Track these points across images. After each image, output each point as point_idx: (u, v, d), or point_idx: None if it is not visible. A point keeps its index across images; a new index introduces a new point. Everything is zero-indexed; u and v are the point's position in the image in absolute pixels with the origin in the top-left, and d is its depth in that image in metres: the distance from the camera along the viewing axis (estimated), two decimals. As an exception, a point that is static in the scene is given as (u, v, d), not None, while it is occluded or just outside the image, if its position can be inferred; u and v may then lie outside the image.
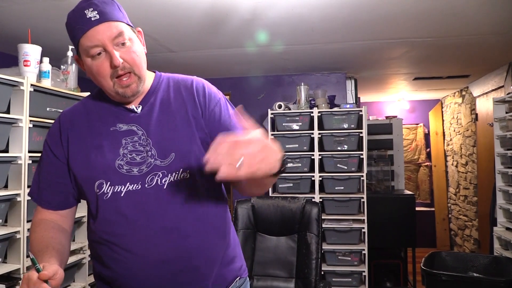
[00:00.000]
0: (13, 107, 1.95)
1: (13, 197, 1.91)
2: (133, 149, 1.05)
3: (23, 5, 2.15)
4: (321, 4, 2.21)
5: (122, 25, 1.03)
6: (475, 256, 2.60)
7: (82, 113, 1.12)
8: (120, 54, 1.00)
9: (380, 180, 3.89)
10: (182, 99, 1.11)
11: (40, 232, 1.07)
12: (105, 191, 1.03)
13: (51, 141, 1.11)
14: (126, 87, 1.03)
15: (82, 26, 0.99)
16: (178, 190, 1.04)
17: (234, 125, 1.11)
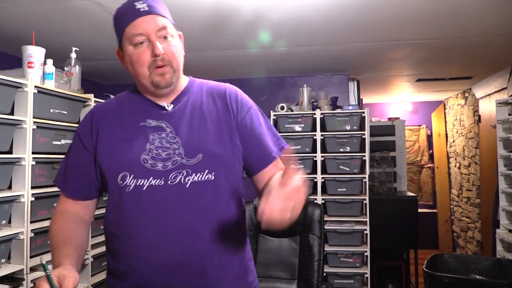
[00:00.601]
0: (17, 108, 1.96)
1: (16, 198, 1.92)
2: (159, 145, 1.06)
3: (27, 7, 2.16)
4: (324, 5, 2.21)
5: (167, 21, 1.08)
6: (477, 258, 2.60)
7: (114, 107, 1.16)
8: (162, 46, 1.04)
9: (383, 181, 3.89)
10: (214, 103, 1.14)
11: (61, 223, 1.10)
12: (128, 183, 1.04)
13: (82, 132, 1.14)
14: (161, 76, 1.05)
15: (130, 15, 1.05)
16: (200, 191, 1.05)
17: (264, 135, 1.15)
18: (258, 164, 1.13)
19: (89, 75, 3.84)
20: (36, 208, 2.03)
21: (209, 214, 1.05)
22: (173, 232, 1.02)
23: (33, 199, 1.97)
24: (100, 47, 2.92)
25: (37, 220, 2.04)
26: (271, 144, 1.15)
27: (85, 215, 1.16)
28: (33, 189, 1.98)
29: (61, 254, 1.00)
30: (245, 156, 1.13)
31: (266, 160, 1.13)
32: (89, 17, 2.30)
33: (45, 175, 2.09)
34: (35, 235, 1.99)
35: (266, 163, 1.13)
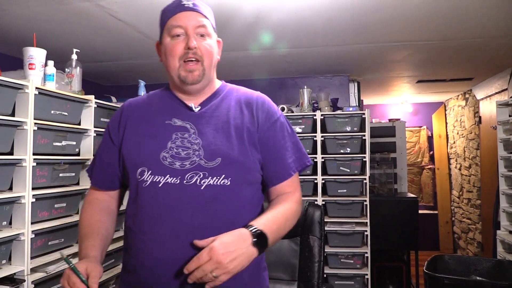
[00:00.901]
0: (18, 109, 1.96)
1: (17, 199, 1.92)
2: (180, 145, 1.08)
3: (28, 9, 2.16)
4: (324, 7, 2.21)
5: (208, 22, 1.12)
6: (478, 260, 2.59)
7: (144, 103, 1.21)
8: (198, 44, 1.08)
9: (383, 183, 3.89)
10: (241, 111, 1.15)
11: (90, 213, 1.17)
12: (145, 179, 1.07)
13: (111, 125, 1.20)
14: (189, 72, 1.09)
15: (175, 9, 1.11)
16: (215, 194, 1.06)
17: (286, 149, 1.16)
18: (273, 179, 1.15)
19: (90, 76, 3.84)
20: (37, 209, 2.03)
21: (220, 219, 1.05)
22: (184, 232, 1.03)
23: (33, 200, 1.97)
24: (101, 48, 2.93)
25: (37, 221, 2.04)
26: (291, 160, 1.15)
27: (112, 205, 1.22)
28: (33, 190, 1.98)
29: (88, 244, 1.06)
30: (263, 168, 1.14)
31: (281, 177, 1.14)
32: (90, 19, 2.31)
33: (46, 176, 2.09)
34: (36, 236, 1.99)
35: (281, 179, 1.14)
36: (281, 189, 1.15)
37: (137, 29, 2.50)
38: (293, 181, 1.17)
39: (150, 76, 3.71)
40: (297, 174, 1.19)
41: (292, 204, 1.12)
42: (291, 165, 1.15)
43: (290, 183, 1.16)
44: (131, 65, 3.42)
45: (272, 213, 1.06)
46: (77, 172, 2.34)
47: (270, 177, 1.15)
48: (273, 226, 1.02)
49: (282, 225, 1.07)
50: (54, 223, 2.11)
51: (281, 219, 1.06)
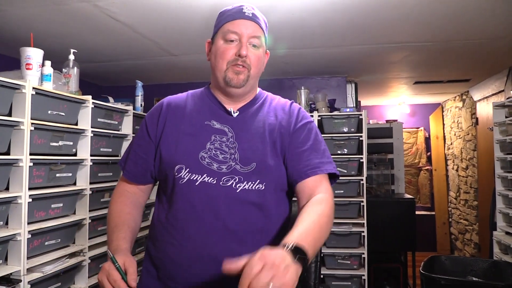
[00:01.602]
0: (14, 110, 1.96)
1: (14, 199, 1.91)
2: (219, 147, 1.11)
3: (25, 10, 2.16)
4: (322, 8, 2.22)
5: (262, 34, 1.17)
6: (474, 260, 2.60)
7: (184, 102, 1.23)
8: (249, 52, 1.13)
9: (380, 183, 3.90)
10: (275, 116, 1.19)
11: (120, 205, 1.19)
12: (182, 176, 1.09)
13: (149, 120, 1.22)
14: (236, 74, 1.12)
15: (235, 14, 1.14)
16: (249, 198, 1.08)
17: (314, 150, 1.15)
18: (298, 175, 1.12)
19: (87, 76, 3.84)
20: (34, 209, 2.03)
21: (254, 222, 1.08)
22: (218, 232, 1.05)
23: (30, 200, 1.97)
24: (98, 49, 2.93)
25: (34, 222, 2.04)
26: (317, 161, 1.14)
27: (140, 198, 1.24)
28: (30, 190, 1.98)
29: (120, 236, 1.08)
30: (290, 164, 1.13)
31: (308, 172, 1.12)
32: (87, 19, 2.31)
33: (43, 176, 2.09)
34: (32, 236, 1.98)
35: (305, 175, 1.12)
36: (310, 189, 1.11)
37: (134, 30, 2.51)
38: (322, 182, 1.13)
39: (148, 77, 3.71)
40: (327, 179, 1.15)
41: (324, 207, 1.04)
42: (321, 164, 1.14)
43: (319, 182, 1.12)
44: (128, 65, 3.42)
45: (303, 224, 0.97)
46: (74, 172, 2.34)
47: (294, 174, 1.12)
48: (308, 238, 0.93)
49: (318, 234, 0.98)
50: (51, 223, 2.11)
51: (315, 228, 0.98)
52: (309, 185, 1.12)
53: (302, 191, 1.12)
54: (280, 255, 0.79)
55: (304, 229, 0.95)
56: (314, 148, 1.17)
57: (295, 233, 0.94)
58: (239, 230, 1.06)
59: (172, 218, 1.10)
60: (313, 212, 1.02)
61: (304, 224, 0.97)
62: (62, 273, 2.16)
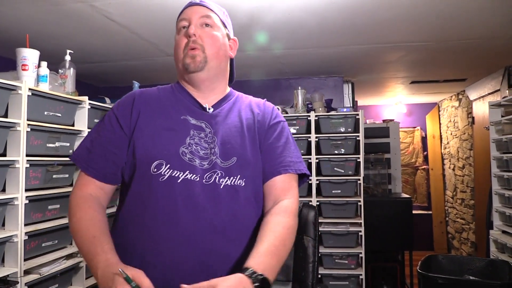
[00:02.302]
0: (11, 111, 1.95)
1: (10, 201, 1.91)
2: (198, 143, 1.06)
3: (21, 10, 2.16)
4: (319, 8, 2.22)
5: (214, 15, 1.14)
6: (471, 259, 2.61)
7: (157, 95, 1.16)
8: (200, 32, 1.09)
9: (377, 183, 3.91)
10: (252, 111, 1.17)
11: (90, 211, 1.02)
12: (162, 173, 1.01)
13: (120, 111, 1.11)
14: (191, 57, 1.08)
15: (184, 8, 1.15)
16: (233, 194, 1.04)
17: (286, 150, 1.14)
18: (269, 172, 1.11)
19: (84, 77, 3.83)
20: (30, 210, 2.02)
21: (240, 218, 1.04)
22: (203, 231, 0.99)
23: (27, 202, 1.96)
24: (95, 49, 2.92)
25: (31, 223, 2.03)
26: (290, 160, 1.13)
27: (104, 202, 1.09)
28: (27, 192, 1.97)
29: (105, 248, 0.93)
30: (262, 162, 1.12)
31: (277, 170, 1.11)
32: (83, 20, 2.30)
33: (39, 177, 2.08)
34: (29, 238, 1.98)
35: (277, 172, 1.11)
36: (278, 190, 1.10)
37: (131, 30, 2.50)
38: (290, 182, 1.12)
39: (144, 77, 3.71)
40: (296, 179, 1.15)
41: (287, 220, 1.05)
42: (290, 163, 1.12)
43: (287, 184, 1.11)
44: (125, 66, 3.41)
45: (269, 242, 0.97)
46: (70, 173, 2.33)
47: (266, 171, 1.11)
48: (272, 261, 0.94)
49: (282, 254, 0.99)
50: (48, 225, 2.10)
51: (279, 246, 0.98)
52: (277, 186, 1.10)
53: (269, 192, 1.11)
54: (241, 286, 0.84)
55: (269, 249, 0.95)
56: (286, 147, 1.15)
57: (262, 254, 0.94)
58: (226, 228, 1.01)
59: (150, 220, 0.99)
60: (278, 226, 1.02)
61: (269, 241, 0.97)
62: (59, 274, 2.16)
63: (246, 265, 0.90)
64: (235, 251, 1.02)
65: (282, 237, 1.00)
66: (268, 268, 0.91)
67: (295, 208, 1.10)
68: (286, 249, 1.01)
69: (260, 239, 0.98)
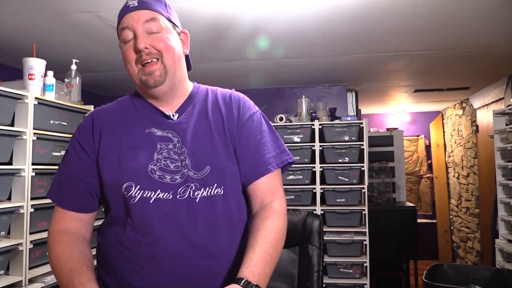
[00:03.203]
0: (17, 119, 1.97)
1: (16, 209, 1.91)
2: (167, 156, 0.99)
3: (28, 20, 2.18)
4: (322, 18, 2.24)
5: (159, 15, 1.01)
6: (477, 269, 2.59)
7: (116, 111, 1.08)
8: (150, 41, 0.98)
9: (382, 192, 3.90)
10: (219, 110, 1.07)
11: (67, 245, 0.98)
12: (132, 195, 0.96)
13: (82, 137, 1.05)
14: (148, 75, 0.98)
15: (122, 13, 1.02)
16: (210, 206, 0.98)
17: (263, 144, 1.07)
18: (250, 175, 1.04)
19: (89, 86, 3.86)
20: (36, 219, 2.03)
21: (220, 231, 0.99)
22: (183, 251, 0.95)
23: (32, 210, 1.97)
24: (100, 58, 2.95)
25: (36, 232, 2.04)
26: (269, 156, 1.05)
27: (86, 234, 1.05)
28: (32, 200, 1.98)
29: (82, 280, 0.89)
30: (241, 165, 1.04)
31: (259, 171, 1.04)
32: (89, 29, 2.33)
33: (45, 186, 2.09)
34: (34, 246, 1.98)
35: (259, 174, 1.04)
36: (263, 192, 1.04)
37: (136, 40, 2.52)
38: (274, 182, 1.06)
39: (149, 86, 3.72)
40: (279, 174, 1.08)
41: (277, 222, 1.00)
42: (270, 160, 1.05)
43: (271, 184, 1.05)
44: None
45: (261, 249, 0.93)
46: (75, 182, 2.34)
47: (248, 173, 1.04)
48: (266, 269, 0.91)
49: (275, 260, 0.96)
50: (53, 233, 2.10)
51: (272, 253, 0.95)
52: (262, 189, 1.04)
53: (254, 195, 1.05)
54: None
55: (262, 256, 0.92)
56: (262, 142, 1.07)
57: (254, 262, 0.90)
58: (207, 244, 0.96)
59: (129, 241, 0.96)
60: (269, 231, 0.97)
61: (260, 250, 0.93)
62: (64, 283, 2.16)
63: (240, 275, 0.87)
64: (219, 267, 0.98)
65: (274, 242, 0.97)
66: (262, 277, 0.89)
67: (284, 208, 1.04)
68: (278, 253, 0.98)
69: (252, 247, 0.93)
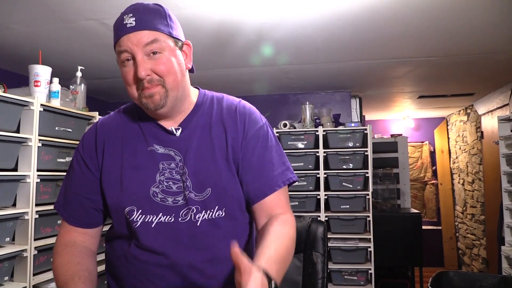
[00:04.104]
0: (22, 126, 1.98)
1: (20, 215, 1.92)
2: (170, 177, 0.97)
3: (34, 28, 2.20)
4: (326, 24, 2.24)
5: (159, 34, 0.94)
6: (483, 276, 2.56)
7: (118, 124, 1.05)
8: (151, 65, 0.93)
9: (386, 198, 3.88)
10: (223, 125, 1.02)
11: (66, 257, 0.98)
12: (134, 219, 0.96)
13: (85, 152, 1.03)
14: (148, 97, 0.94)
15: (118, 32, 0.95)
16: (212, 229, 0.97)
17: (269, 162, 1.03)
18: (257, 193, 1.00)
19: (94, 93, 3.88)
20: (40, 225, 2.03)
21: (221, 253, 0.97)
22: (184, 273, 0.95)
23: (37, 217, 1.97)
24: (105, 65, 2.97)
25: (41, 238, 2.04)
26: (275, 173, 1.02)
27: (92, 246, 1.05)
28: (37, 207, 1.98)
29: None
30: (244, 182, 1.01)
31: (263, 192, 1.00)
32: (94, 37, 2.34)
33: (49, 192, 2.10)
34: (39, 253, 1.98)
35: (263, 195, 1.00)
36: (269, 208, 1.01)
37: (141, 47, 2.53)
38: (280, 198, 1.02)
39: (153, 93, 3.74)
40: (285, 190, 1.05)
41: (289, 229, 0.97)
42: (275, 179, 1.01)
43: (277, 200, 1.01)
44: (134, 81, 3.45)
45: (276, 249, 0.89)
46: (80, 188, 2.35)
47: (253, 192, 1.00)
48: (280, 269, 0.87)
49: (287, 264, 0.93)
50: (57, 240, 2.11)
51: (285, 256, 0.92)
52: (268, 204, 1.00)
53: (260, 212, 1.01)
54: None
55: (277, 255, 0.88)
56: (268, 158, 1.03)
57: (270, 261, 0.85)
58: (206, 267, 0.96)
59: (132, 258, 0.98)
60: (280, 234, 0.93)
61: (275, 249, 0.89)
62: (68, 289, 2.15)
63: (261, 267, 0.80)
64: (217, 285, 0.98)
65: (287, 246, 0.94)
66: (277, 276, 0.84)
67: (292, 220, 1.01)
68: (290, 260, 0.95)
69: (267, 246, 0.88)
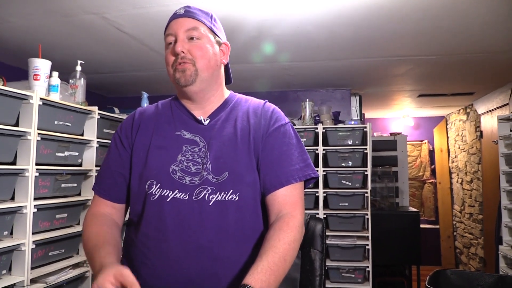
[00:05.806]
0: (22, 120, 1.97)
1: (19, 209, 1.92)
2: (191, 159, 1.06)
3: (34, 21, 2.19)
4: (327, 22, 2.24)
5: (201, 24, 1.10)
6: (480, 275, 2.57)
7: (154, 113, 1.17)
8: (189, 46, 1.07)
9: (385, 196, 3.88)
10: (248, 121, 1.12)
11: (97, 226, 1.08)
12: (153, 192, 1.04)
13: (123, 133, 1.16)
14: (180, 72, 1.07)
15: (169, 20, 1.12)
16: (223, 210, 1.02)
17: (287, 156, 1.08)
18: (273, 182, 1.06)
19: (93, 87, 3.87)
20: (38, 219, 2.03)
21: (229, 235, 1.01)
22: (191, 250, 0.99)
23: (35, 211, 1.97)
24: (105, 60, 2.96)
25: (39, 232, 2.04)
26: (292, 168, 1.07)
27: (118, 219, 1.15)
28: (35, 200, 1.98)
29: (102, 254, 0.97)
30: (262, 173, 1.07)
31: (279, 182, 1.05)
32: (95, 31, 2.34)
33: (48, 186, 2.10)
34: (37, 247, 1.99)
35: (279, 185, 1.05)
36: (281, 204, 1.05)
37: (141, 42, 2.53)
38: (294, 195, 1.06)
39: (153, 88, 3.74)
40: (301, 188, 1.09)
41: (289, 234, 0.99)
42: (292, 173, 1.06)
43: (290, 196, 1.05)
44: (134, 77, 3.44)
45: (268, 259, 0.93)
46: (79, 182, 2.35)
47: (269, 181, 1.06)
48: (270, 278, 0.90)
49: (282, 270, 0.95)
50: (55, 234, 2.11)
51: (279, 263, 0.94)
52: (280, 200, 1.05)
53: (272, 205, 1.06)
54: None
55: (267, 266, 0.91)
56: (288, 154, 1.09)
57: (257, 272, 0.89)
58: (213, 246, 1.00)
59: (143, 236, 1.04)
60: (279, 241, 0.97)
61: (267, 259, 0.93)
62: (66, 283, 2.16)
63: (244, 282, 0.87)
64: (224, 269, 1.00)
65: (283, 253, 0.96)
66: (265, 285, 0.88)
67: (299, 220, 1.05)
68: (287, 264, 0.97)
69: (260, 256, 0.94)
